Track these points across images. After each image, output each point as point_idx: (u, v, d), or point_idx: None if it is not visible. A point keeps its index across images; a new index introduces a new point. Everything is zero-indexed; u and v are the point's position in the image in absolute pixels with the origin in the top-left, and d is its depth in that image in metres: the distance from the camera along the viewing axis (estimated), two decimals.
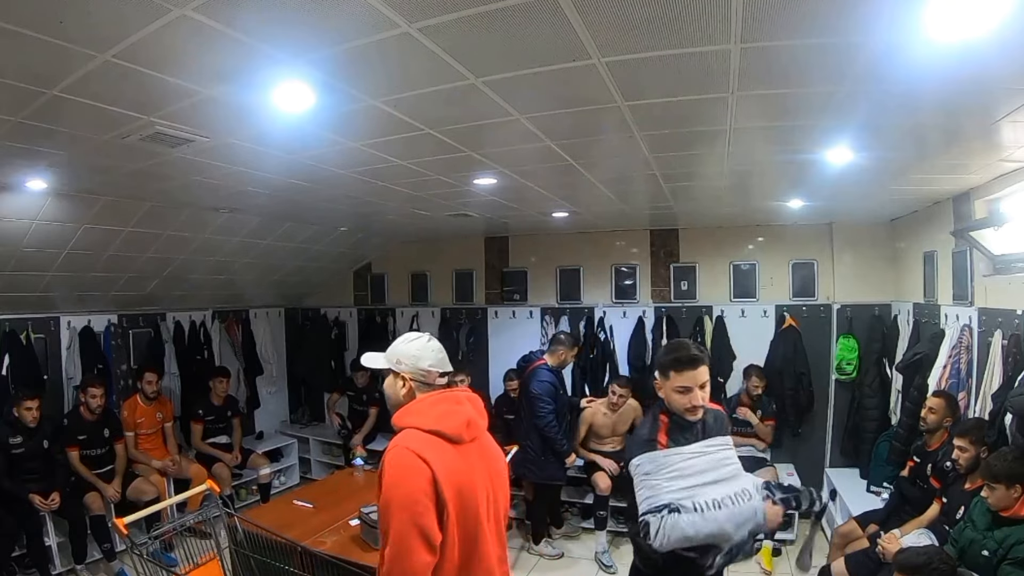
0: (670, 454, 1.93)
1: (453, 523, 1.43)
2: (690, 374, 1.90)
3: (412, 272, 6.09)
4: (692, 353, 1.92)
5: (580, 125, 2.24)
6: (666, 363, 1.95)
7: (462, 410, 1.57)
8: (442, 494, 1.40)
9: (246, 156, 2.58)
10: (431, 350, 1.65)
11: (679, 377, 1.91)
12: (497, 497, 1.61)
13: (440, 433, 1.49)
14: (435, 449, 1.46)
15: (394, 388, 1.65)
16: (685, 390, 1.91)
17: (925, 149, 2.57)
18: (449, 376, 1.67)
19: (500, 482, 1.64)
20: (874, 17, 1.35)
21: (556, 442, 4.04)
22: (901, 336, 4.25)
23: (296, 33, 1.44)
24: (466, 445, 1.53)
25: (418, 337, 1.69)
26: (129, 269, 4.30)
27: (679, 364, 1.91)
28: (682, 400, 1.92)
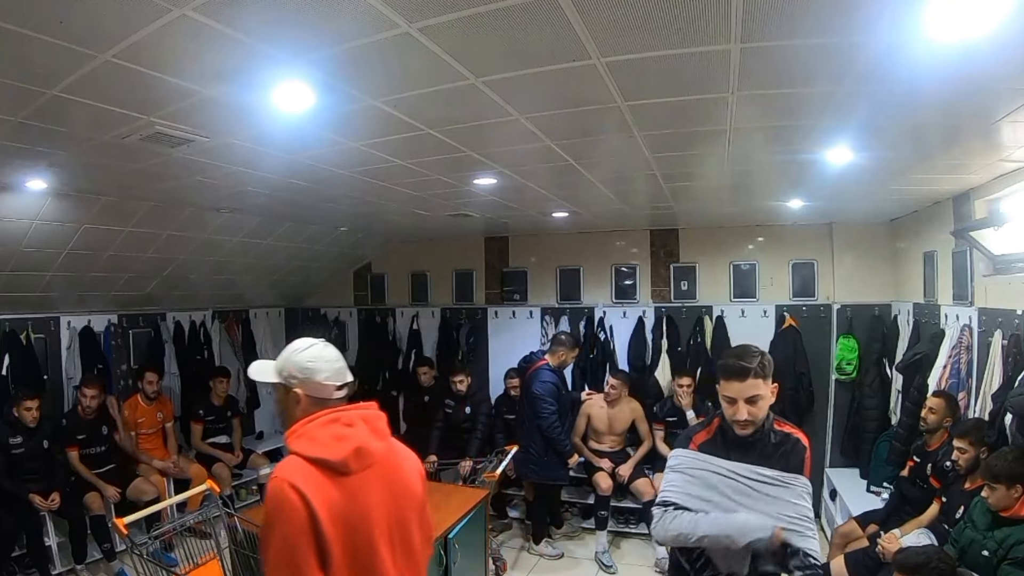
0: (698, 457, 1.82)
1: (339, 560, 1.31)
2: (735, 385, 1.72)
3: (412, 272, 6.09)
4: (740, 363, 1.73)
5: (580, 125, 2.24)
6: (717, 368, 1.83)
7: (353, 434, 1.40)
8: (323, 532, 1.28)
9: (246, 156, 2.58)
10: (326, 360, 1.47)
11: (725, 386, 1.76)
12: (406, 522, 1.48)
13: (324, 462, 1.34)
14: (316, 481, 1.31)
15: (287, 404, 1.48)
16: (730, 401, 1.75)
17: (925, 149, 2.57)
18: (348, 387, 1.50)
19: (410, 505, 1.49)
20: (874, 17, 1.35)
21: (559, 443, 4.05)
22: (901, 336, 4.25)
23: (296, 33, 1.44)
24: (358, 474, 1.38)
25: (311, 345, 1.50)
26: (129, 269, 4.30)
27: (725, 372, 1.76)
28: (728, 411, 1.77)
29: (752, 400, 1.72)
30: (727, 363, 1.76)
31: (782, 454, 1.77)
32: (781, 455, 1.77)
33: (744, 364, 1.72)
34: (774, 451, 1.77)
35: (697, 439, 1.86)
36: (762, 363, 1.74)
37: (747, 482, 1.74)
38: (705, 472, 1.79)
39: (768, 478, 1.74)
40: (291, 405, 1.47)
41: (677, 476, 1.83)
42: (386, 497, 1.43)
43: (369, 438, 1.43)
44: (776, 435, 1.79)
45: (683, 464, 1.84)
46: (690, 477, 1.81)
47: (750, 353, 1.76)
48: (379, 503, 1.41)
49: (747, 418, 1.72)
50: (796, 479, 1.74)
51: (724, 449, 1.80)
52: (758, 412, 1.73)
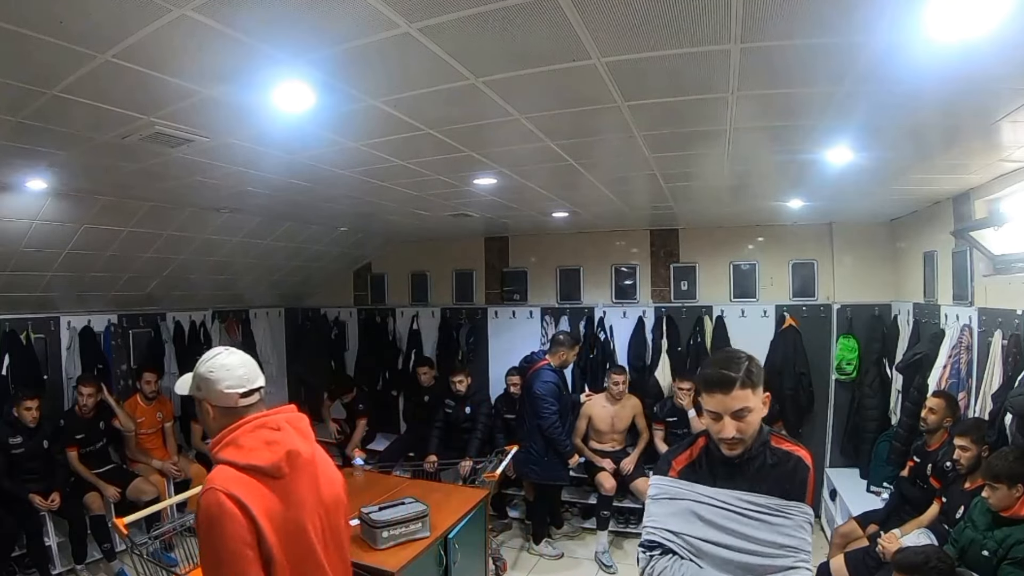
0: (679, 485, 1.59)
1: (282, 565, 1.33)
2: (719, 398, 1.48)
3: (412, 272, 6.09)
4: (724, 372, 1.48)
5: (580, 125, 2.24)
6: (697, 380, 1.69)
7: (281, 438, 1.41)
8: (266, 539, 1.30)
9: (246, 156, 2.58)
10: (227, 368, 1.45)
11: (708, 399, 1.51)
12: (336, 523, 1.52)
13: (256, 469, 1.35)
14: (253, 489, 1.32)
15: (204, 416, 1.48)
16: (714, 417, 1.51)
17: (925, 149, 2.57)
18: (262, 391, 1.50)
19: (336, 507, 1.53)
20: (874, 17, 1.35)
21: (559, 443, 4.05)
22: (901, 336, 4.25)
23: (296, 33, 1.44)
24: (290, 477, 1.40)
25: (215, 355, 1.49)
26: (129, 269, 4.30)
27: (707, 383, 1.51)
28: (713, 428, 1.54)
29: (739, 414, 1.48)
30: (708, 373, 1.53)
31: (779, 477, 1.52)
32: (778, 478, 1.51)
33: (728, 373, 1.48)
34: (770, 473, 1.52)
35: (677, 463, 1.63)
36: (749, 370, 1.49)
37: (738, 511, 1.50)
38: (688, 503, 1.55)
39: (762, 508, 1.49)
40: (203, 416, 1.48)
41: (657, 508, 1.61)
42: (317, 499, 1.47)
43: (297, 440, 1.45)
44: (773, 454, 1.54)
45: (663, 493, 1.62)
46: (672, 510, 1.58)
47: (735, 360, 1.52)
48: (312, 505, 1.45)
49: (735, 435, 1.48)
50: (797, 507, 1.49)
51: (709, 474, 1.57)
52: (747, 428, 1.49)
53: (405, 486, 3.45)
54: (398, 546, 2.58)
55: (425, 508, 2.74)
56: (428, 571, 2.70)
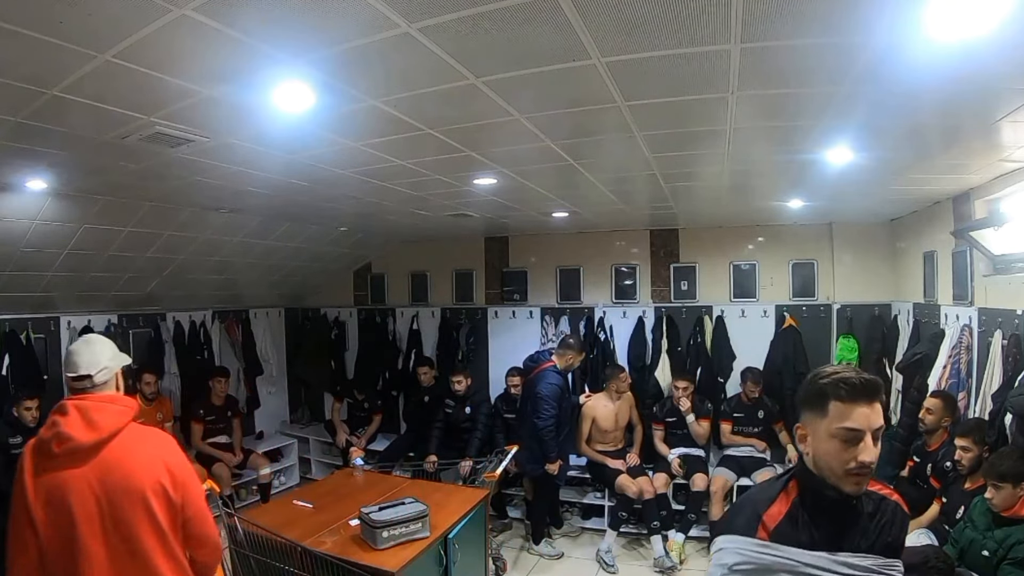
0: (774, 552, 1.18)
1: (44, 541, 1.44)
2: (862, 410, 1.15)
3: (412, 272, 6.10)
4: (867, 377, 1.18)
5: (580, 125, 2.24)
6: (825, 386, 1.18)
7: (61, 421, 1.48)
8: (30, 505, 1.43)
9: (246, 156, 2.58)
10: (69, 352, 1.61)
11: (846, 411, 1.15)
12: (124, 517, 1.47)
13: (38, 441, 1.50)
14: (34, 458, 1.48)
15: None
16: (852, 436, 1.15)
17: (925, 149, 2.57)
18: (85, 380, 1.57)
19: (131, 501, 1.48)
20: (874, 17, 1.35)
21: (548, 446, 4.03)
22: (901, 336, 4.25)
23: (296, 33, 1.44)
24: (61, 459, 1.46)
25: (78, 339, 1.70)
26: (129, 269, 4.30)
27: (850, 390, 1.16)
28: (842, 455, 1.15)
29: (877, 434, 1.16)
30: (850, 378, 1.17)
31: (880, 528, 1.21)
32: (879, 530, 1.21)
33: (875, 379, 1.18)
34: (868, 523, 1.20)
35: (770, 519, 1.22)
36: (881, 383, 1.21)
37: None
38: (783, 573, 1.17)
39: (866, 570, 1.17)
40: None
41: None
42: (98, 493, 1.47)
43: (78, 428, 1.48)
44: (870, 499, 1.23)
45: (748, 562, 1.19)
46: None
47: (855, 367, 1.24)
48: (84, 492, 1.46)
49: (872, 462, 1.15)
50: (898, 567, 1.20)
51: (807, 528, 1.19)
52: (878, 453, 1.17)
53: (405, 486, 3.45)
54: (398, 546, 2.58)
55: (425, 508, 2.74)
56: (428, 571, 2.70)
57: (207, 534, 1.63)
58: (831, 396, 1.18)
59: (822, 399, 1.19)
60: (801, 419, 1.26)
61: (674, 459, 4.37)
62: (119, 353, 1.69)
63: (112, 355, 1.65)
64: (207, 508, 1.64)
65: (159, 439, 1.60)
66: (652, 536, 4.10)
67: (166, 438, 1.63)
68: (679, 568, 4.00)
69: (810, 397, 1.22)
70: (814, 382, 1.22)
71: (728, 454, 4.47)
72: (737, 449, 4.46)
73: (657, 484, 4.23)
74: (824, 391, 1.19)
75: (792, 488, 1.25)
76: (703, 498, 4.19)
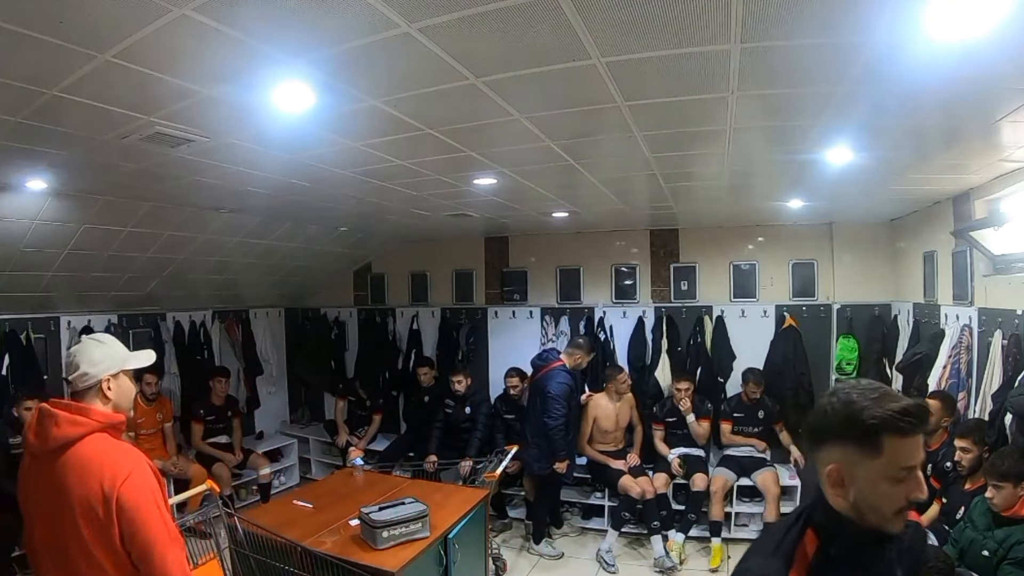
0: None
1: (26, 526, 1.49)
2: (916, 441, 0.98)
3: (412, 272, 6.09)
4: (918, 402, 1.02)
5: (580, 125, 2.24)
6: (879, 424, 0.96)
7: (30, 423, 1.49)
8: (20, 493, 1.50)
9: (246, 156, 2.58)
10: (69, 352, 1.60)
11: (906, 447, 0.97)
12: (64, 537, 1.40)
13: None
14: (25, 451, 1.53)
15: None
16: (898, 478, 0.97)
17: (925, 149, 2.57)
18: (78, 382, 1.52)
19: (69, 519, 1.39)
20: (874, 17, 1.35)
21: (557, 444, 4.04)
22: (901, 336, 4.25)
23: (296, 33, 1.44)
24: (33, 460, 1.48)
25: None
26: (129, 269, 4.30)
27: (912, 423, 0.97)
28: (896, 495, 0.98)
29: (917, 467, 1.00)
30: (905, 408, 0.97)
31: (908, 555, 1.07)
32: (908, 556, 1.07)
33: (922, 402, 1.06)
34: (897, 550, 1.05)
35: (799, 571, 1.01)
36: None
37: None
38: None
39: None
40: None
41: None
42: (46, 504, 1.44)
43: (33, 432, 1.47)
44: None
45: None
46: None
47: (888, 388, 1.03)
48: (42, 501, 1.46)
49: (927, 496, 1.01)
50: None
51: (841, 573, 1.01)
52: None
53: (405, 486, 3.45)
54: (398, 546, 2.58)
55: (425, 508, 2.74)
56: (428, 571, 2.70)
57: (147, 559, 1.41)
58: (886, 432, 0.96)
59: (873, 437, 0.96)
60: (826, 453, 1.02)
61: (674, 459, 4.37)
62: (116, 357, 1.57)
63: (99, 359, 1.53)
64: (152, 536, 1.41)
65: (114, 459, 1.43)
66: (652, 536, 4.10)
67: (125, 460, 1.44)
68: (679, 568, 4.00)
69: (852, 433, 0.98)
70: (858, 416, 0.97)
71: (728, 454, 4.47)
72: (737, 449, 4.46)
73: (657, 484, 4.24)
74: (877, 429, 0.96)
75: (808, 542, 1.02)
76: (703, 498, 4.19)
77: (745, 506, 4.43)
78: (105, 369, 1.53)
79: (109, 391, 1.53)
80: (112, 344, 1.60)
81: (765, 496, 4.17)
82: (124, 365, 1.59)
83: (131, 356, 1.63)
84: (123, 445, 1.50)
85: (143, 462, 1.47)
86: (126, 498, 1.39)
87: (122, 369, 1.58)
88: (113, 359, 1.56)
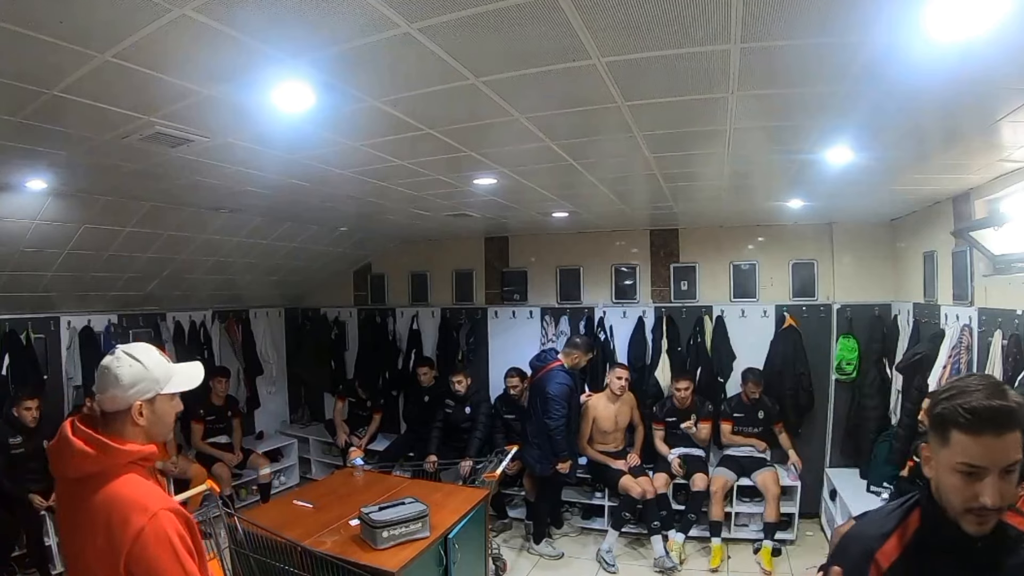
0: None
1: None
2: (987, 441, 0.96)
3: (412, 272, 6.09)
4: (999, 403, 0.96)
5: (580, 125, 2.24)
6: (945, 413, 1.00)
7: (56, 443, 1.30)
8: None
9: (246, 156, 2.58)
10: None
11: (968, 445, 0.97)
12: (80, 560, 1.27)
13: None
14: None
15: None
16: (969, 472, 0.97)
17: (925, 149, 2.57)
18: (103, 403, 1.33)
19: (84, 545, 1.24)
20: (874, 17, 1.35)
21: (559, 445, 4.05)
22: (901, 336, 4.24)
23: (296, 33, 1.44)
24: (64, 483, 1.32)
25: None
26: (129, 269, 4.30)
27: (973, 421, 0.97)
28: (963, 491, 0.99)
29: (1011, 469, 0.96)
30: (975, 405, 0.96)
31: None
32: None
33: (1006, 404, 0.96)
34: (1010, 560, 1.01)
35: (883, 558, 1.04)
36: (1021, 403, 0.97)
37: None
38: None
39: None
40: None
41: None
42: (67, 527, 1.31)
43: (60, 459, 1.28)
44: (1012, 533, 1.03)
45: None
46: None
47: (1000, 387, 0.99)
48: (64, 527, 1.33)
49: (999, 505, 0.96)
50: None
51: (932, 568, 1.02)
52: (1010, 491, 0.97)
53: (405, 486, 3.46)
54: (398, 546, 2.58)
55: (425, 508, 2.74)
56: (428, 571, 2.70)
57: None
58: (953, 426, 0.99)
59: (943, 426, 1.01)
60: (928, 438, 1.07)
61: (674, 459, 4.37)
62: (151, 378, 1.34)
63: (130, 382, 1.31)
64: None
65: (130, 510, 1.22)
66: (652, 536, 4.10)
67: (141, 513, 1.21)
68: (679, 568, 4.00)
69: (932, 420, 1.03)
70: (936, 403, 1.03)
71: (728, 454, 4.48)
72: (737, 449, 4.46)
73: (657, 484, 4.24)
74: (944, 418, 1.00)
75: (913, 520, 1.05)
76: (703, 498, 4.19)
77: (745, 506, 4.43)
78: (138, 393, 1.32)
79: (141, 418, 1.32)
80: (149, 362, 1.36)
81: (765, 496, 4.17)
82: (161, 388, 1.36)
83: (171, 377, 1.40)
84: (143, 490, 1.27)
85: (162, 513, 1.23)
86: (138, 557, 1.19)
87: (159, 393, 1.36)
88: (148, 381, 1.34)
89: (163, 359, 1.42)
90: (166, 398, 1.39)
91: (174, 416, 1.45)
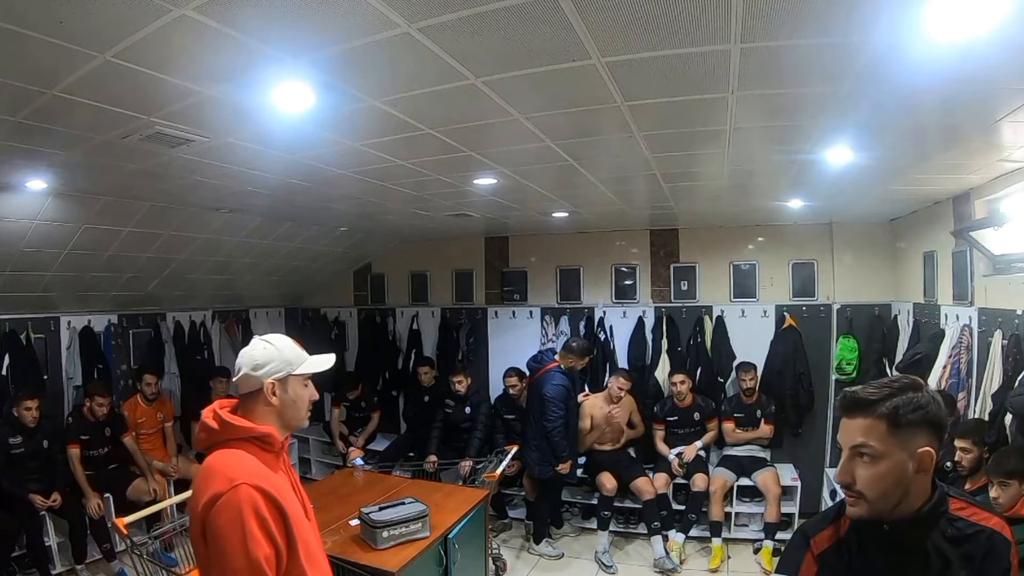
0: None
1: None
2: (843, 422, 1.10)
3: (412, 272, 6.09)
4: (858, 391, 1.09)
5: (580, 125, 2.24)
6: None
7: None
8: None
9: (246, 156, 2.58)
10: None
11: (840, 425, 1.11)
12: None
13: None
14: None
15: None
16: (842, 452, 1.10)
17: (925, 149, 2.57)
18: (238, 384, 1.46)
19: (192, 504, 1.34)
20: (874, 17, 1.35)
21: (558, 446, 4.05)
22: (901, 336, 4.25)
23: (296, 33, 1.44)
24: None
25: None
26: (129, 269, 4.30)
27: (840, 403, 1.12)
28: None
29: (859, 452, 1.05)
30: (845, 391, 1.11)
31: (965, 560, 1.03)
32: (964, 564, 1.03)
33: (864, 395, 1.07)
34: (952, 556, 1.03)
35: (817, 543, 1.13)
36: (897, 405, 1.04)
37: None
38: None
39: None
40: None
41: None
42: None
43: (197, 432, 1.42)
44: (953, 528, 1.05)
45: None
46: None
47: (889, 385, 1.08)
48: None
49: (846, 480, 1.05)
50: None
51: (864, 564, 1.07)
52: (868, 480, 1.03)
53: (405, 486, 3.45)
54: (398, 546, 2.58)
55: (425, 508, 2.74)
56: (428, 571, 2.70)
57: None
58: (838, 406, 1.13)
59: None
60: None
61: (674, 459, 4.37)
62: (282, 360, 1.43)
63: (263, 361, 1.41)
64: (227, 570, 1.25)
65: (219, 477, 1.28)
66: (652, 536, 4.10)
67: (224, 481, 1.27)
68: (679, 568, 4.00)
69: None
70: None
71: (728, 454, 4.48)
72: (737, 449, 4.46)
73: (657, 484, 4.24)
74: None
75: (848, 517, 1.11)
76: (703, 498, 4.19)
77: (745, 506, 4.43)
78: (269, 373, 1.41)
79: (273, 397, 1.41)
80: (281, 346, 1.46)
81: (765, 496, 4.17)
82: (293, 369, 1.44)
83: (303, 360, 1.48)
84: (238, 461, 1.32)
85: (243, 487, 1.26)
86: (212, 524, 1.25)
87: (290, 374, 1.44)
88: (279, 361, 1.43)
89: (295, 345, 1.50)
90: (299, 381, 1.46)
91: (308, 402, 1.50)
